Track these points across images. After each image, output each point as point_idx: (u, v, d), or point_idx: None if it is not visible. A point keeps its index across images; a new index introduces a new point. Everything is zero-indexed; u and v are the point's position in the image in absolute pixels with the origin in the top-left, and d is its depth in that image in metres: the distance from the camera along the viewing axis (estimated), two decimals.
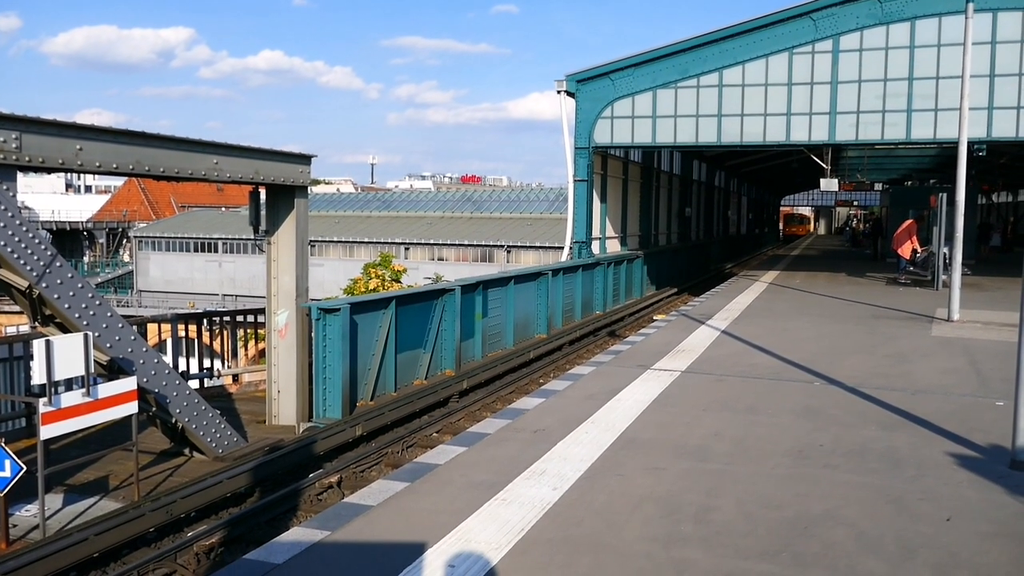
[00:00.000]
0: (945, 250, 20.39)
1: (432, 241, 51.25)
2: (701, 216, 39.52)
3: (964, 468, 6.96)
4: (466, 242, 50.29)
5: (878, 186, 50.89)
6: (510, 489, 6.42)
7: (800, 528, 5.66)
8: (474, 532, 5.57)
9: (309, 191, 11.14)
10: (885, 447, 7.55)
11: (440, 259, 49.75)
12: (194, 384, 11.80)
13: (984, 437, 7.83)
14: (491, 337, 15.60)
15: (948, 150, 26.48)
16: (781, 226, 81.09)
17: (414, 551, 5.28)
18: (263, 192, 10.57)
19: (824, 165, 27.43)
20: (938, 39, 20.21)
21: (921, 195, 29.89)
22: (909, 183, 48.29)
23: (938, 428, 8.18)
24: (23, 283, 7.64)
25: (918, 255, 23.85)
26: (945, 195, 21.33)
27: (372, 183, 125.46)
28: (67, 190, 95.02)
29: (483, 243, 49.78)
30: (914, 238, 24.13)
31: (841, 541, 5.44)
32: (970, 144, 17.65)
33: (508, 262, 47.00)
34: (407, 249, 50.95)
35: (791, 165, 45.19)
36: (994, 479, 6.66)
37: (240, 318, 14.32)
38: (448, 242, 50.80)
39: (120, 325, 8.32)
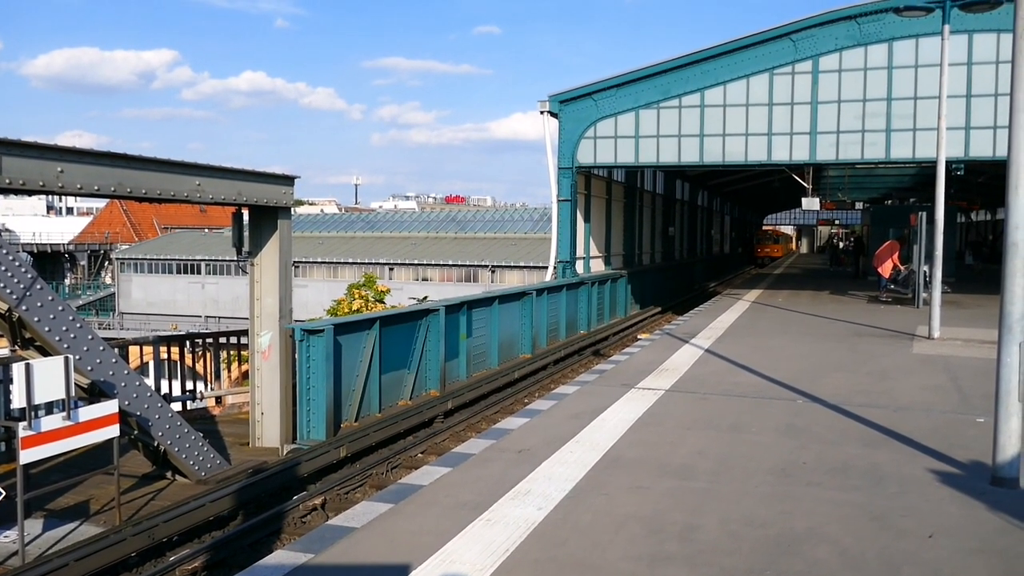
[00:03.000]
0: (925, 268, 20.58)
1: (416, 261, 51.24)
2: (684, 235, 39.76)
3: (946, 485, 7.00)
4: (450, 262, 50.32)
5: (859, 205, 51.42)
6: (495, 509, 6.40)
7: (784, 546, 5.67)
8: (459, 553, 5.55)
9: (292, 212, 11.14)
10: (868, 464, 7.58)
11: (424, 279, 49.79)
12: (177, 406, 11.72)
13: (965, 454, 7.88)
14: (476, 357, 15.58)
15: (927, 169, 26.88)
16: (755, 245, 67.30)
17: (399, 573, 5.25)
18: (246, 213, 10.57)
19: (806, 184, 27.72)
20: (915, 60, 20.54)
21: (901, 214, 30.20)
22: (889, 202, 48.85)
23: (920, 445, 8.24)
24: (2, 306, 7.58)
25: (899, 273, 24.06)
26: (925, 214, 21.58)
27: (356, 204, 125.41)
28: (48, 212, 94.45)
29: (467, 263, 49.82)
30: (895, 256, 24.36)
31: (825, 559, 5.46)
32: (948, 163, 17.88)
33: (492, 282, 47.04)
34: (391, 269, 50.91)
35: (773, 184, 45.69)
36: (976, 495, 6.70)
37: (223, 340, 14.25)
38: (432, 262, 50.81)
39: (101, 348, 8.27)
